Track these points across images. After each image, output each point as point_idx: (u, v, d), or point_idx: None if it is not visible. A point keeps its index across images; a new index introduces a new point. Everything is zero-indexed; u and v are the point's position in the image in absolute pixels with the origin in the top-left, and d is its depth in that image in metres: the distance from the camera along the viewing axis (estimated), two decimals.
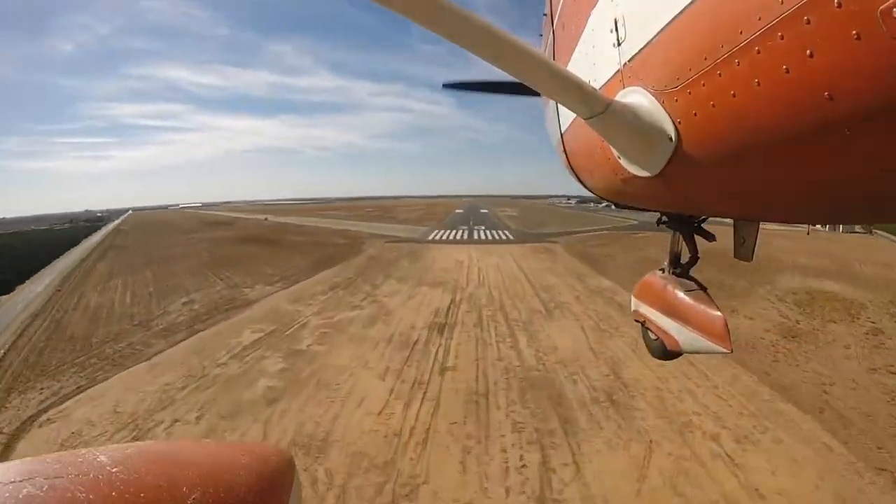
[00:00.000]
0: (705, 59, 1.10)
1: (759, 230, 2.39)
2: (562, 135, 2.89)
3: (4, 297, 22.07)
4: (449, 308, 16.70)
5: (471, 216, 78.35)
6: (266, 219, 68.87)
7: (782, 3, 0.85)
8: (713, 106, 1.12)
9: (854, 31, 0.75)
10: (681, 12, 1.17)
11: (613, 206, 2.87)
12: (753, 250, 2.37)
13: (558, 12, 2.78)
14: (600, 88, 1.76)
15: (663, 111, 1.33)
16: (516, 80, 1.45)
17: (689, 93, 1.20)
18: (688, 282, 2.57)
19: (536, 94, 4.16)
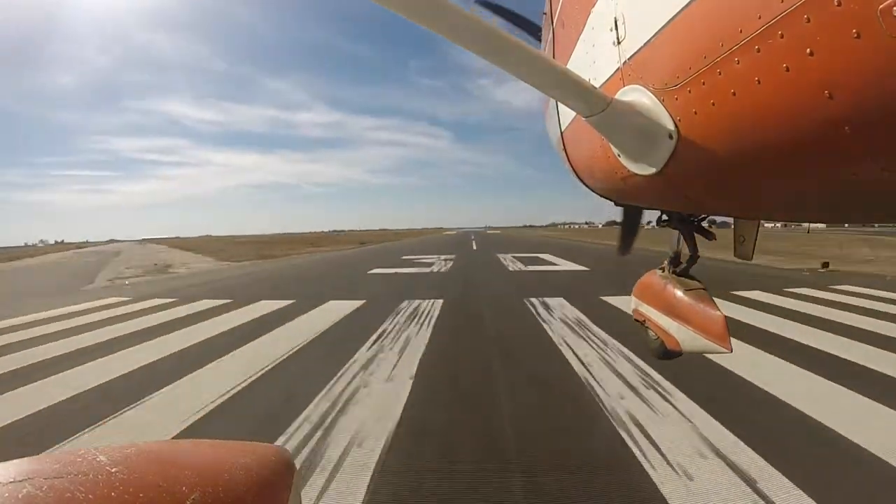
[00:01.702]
0: (705, 57, 1.10)
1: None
2: (561, 133, 2.89)
3: None
4: None
5: (473, 238, 44.22)
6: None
7: (782, 1, 0.85)
8: (713, 104, 1.12)
9: (854, 30, 0.75)
10: (681, 11, 1.17)
11: (614, 205, 2.86)
12: (753, 249, 2.36)
13: (558, 11, 2.78)
14: (600, 87, 1.76)
15: (663, 109, 1.33)
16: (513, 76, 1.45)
17: (690, 91, 1.20)
18: (688, 280, 2.57)
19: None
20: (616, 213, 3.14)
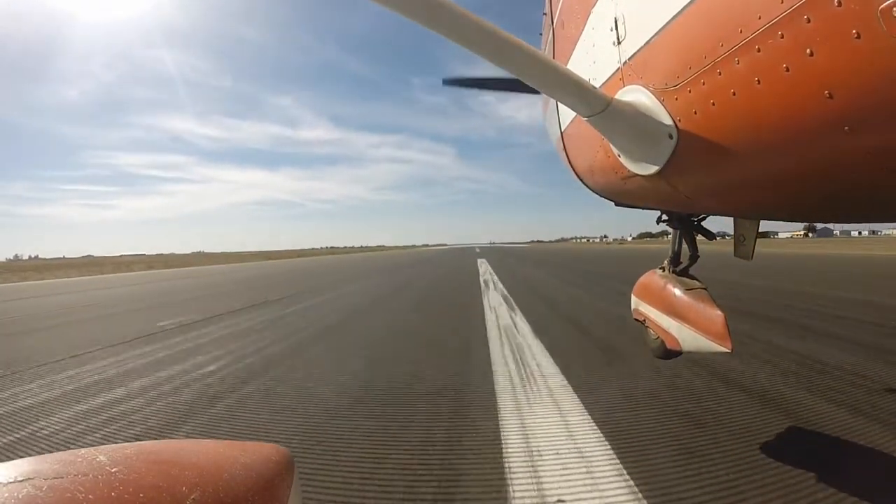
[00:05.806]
0: (705, 57, 1.10)
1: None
2: (562, 133, 2.89)
3: None
4: None
5: (479, 256, 25.38)
6: None
7: (782, 1, 0.85)
8: (713, 104, 1.12)
9: (854, 30, 0.75)
10: (681, 11, 1.17)
11: (614, 205, 2.86)
12: (753, 249, 2.36)
13: (558, 11, 2.78)
14: (600, 87, 1.76)
15: (663, 109, 1.33)
16: (514, 77, 1.45)
17: (690, 91, 1.20)
18: (688, 280, 2.56)
19: (534, 90, 4.16)
20: (641, 226, 3.03)
